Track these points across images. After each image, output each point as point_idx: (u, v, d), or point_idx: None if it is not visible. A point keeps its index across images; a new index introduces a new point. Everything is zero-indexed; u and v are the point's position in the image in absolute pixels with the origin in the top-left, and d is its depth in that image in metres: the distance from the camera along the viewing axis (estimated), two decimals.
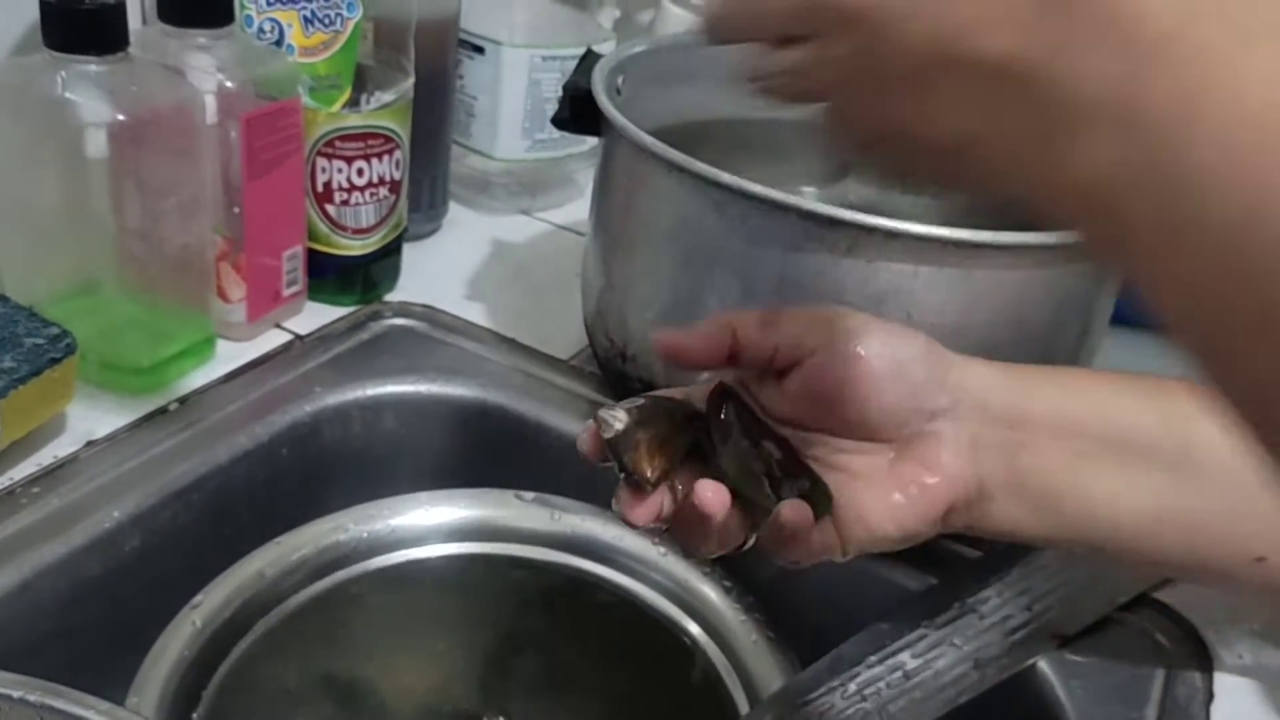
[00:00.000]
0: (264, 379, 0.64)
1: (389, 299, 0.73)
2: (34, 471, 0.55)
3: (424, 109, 0.73)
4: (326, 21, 0.66)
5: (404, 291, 0.74)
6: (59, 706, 0.37)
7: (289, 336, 0.68)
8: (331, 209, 0.69)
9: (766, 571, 0.54)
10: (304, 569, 0.53)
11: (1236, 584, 0.47)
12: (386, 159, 0.70)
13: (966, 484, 0.43)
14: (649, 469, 0.41)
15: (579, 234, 0.76)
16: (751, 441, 0.43)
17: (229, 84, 0.60)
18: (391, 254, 0.74)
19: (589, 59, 0.62)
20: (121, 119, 0.55)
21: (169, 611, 0.49)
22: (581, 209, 0.67)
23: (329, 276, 0.71)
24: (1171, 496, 0.44)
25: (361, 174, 0.69)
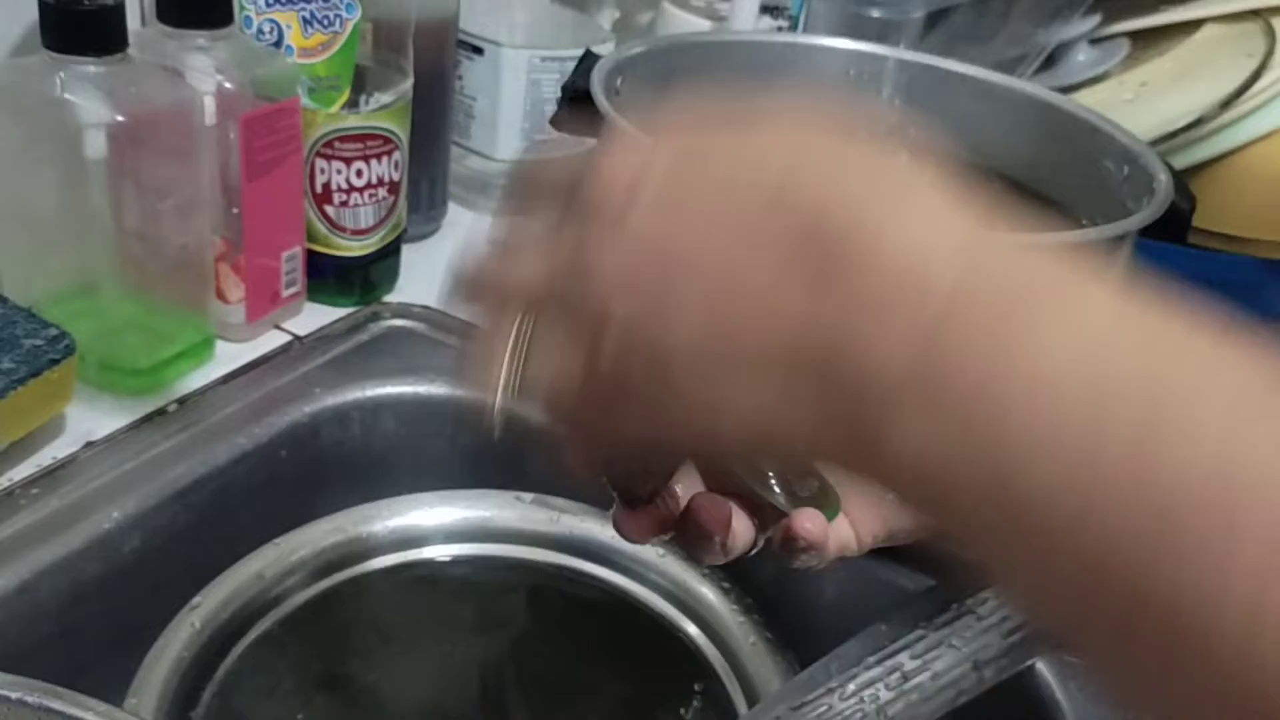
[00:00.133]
0: (263, 380, 0.64)
1: (388, 300, 0.73)
2: (33, 472, 0.55)
3: (423, 110, 0.73)
4: (325, 22, 0.66)
5: (403, 292, 0.74)
6: (58, 708, 0.37)
7: (288, 337, 0.68)
8: (330, 210, 0.69)
9: (766, 572, 0.54)
10: (303, 570, 0.53)
11: None
12: (385, 160, 0.70)
13: None
14: (641, 485, 0.38)
15: None
16: None
17: (228, 85, 0.60)
18: (390, 255, 0.73)
19: (588, 60, 0.62)
20: (120, 120, 0.55)
21: (168, 612, 0.49)
22: None
23: (328, 277, 0.71)
24: None
25: (360, 175, 0.69)
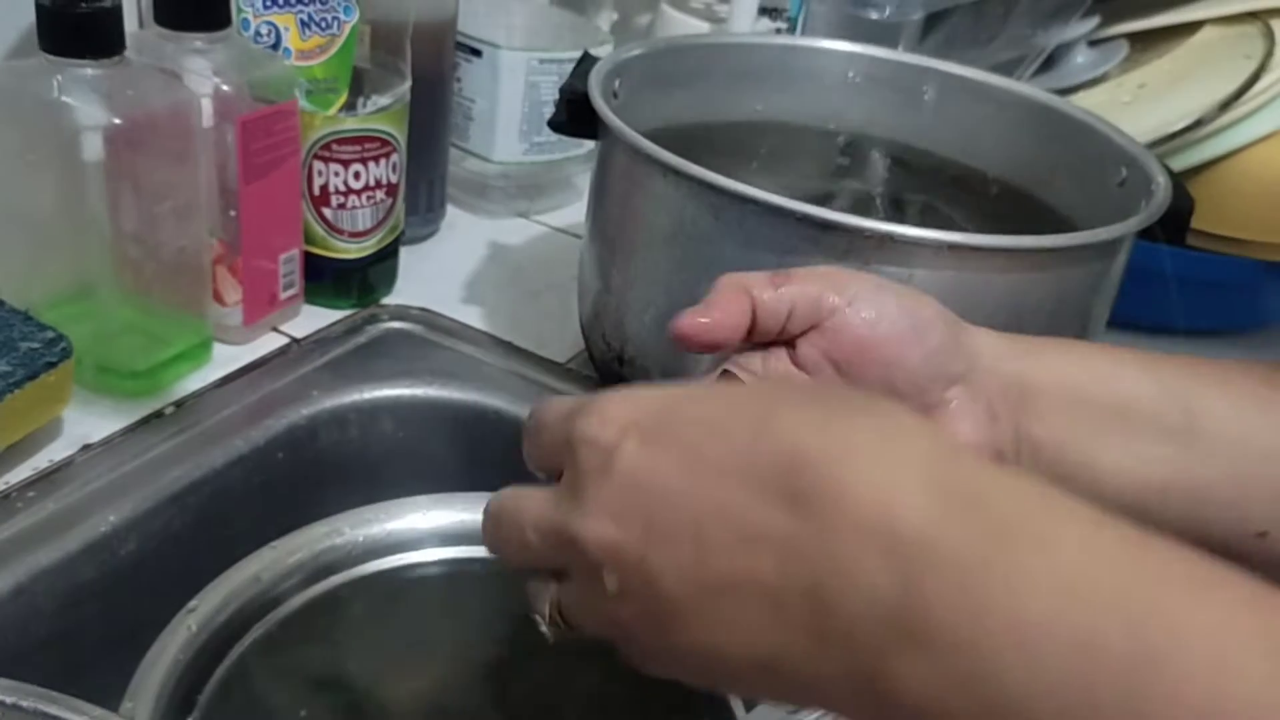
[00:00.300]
0: (260, 383, 0.64)
1: (386, 302, 0.73)
2: (30, 475, 0.55)
3: (421, 112, 0.73)
4: (323, 25, 0.66)
5: (401, 295, 0.74)
6: (53, 713, 0.37)
7: (285, 340, 0.68)
8: (328, 212, 0.69)
9: None
10: (300, 573, 0.53)
11: (1240, 560, 0.45)
12: (383, 162, 0.70)
13: (982, 452, 0.41)
14: None
15: (576, 237, 0.76)
16: None
17: (225, 87, 0.60)
18: (388, 257, 0.73)
19: (586, 62, 0.62)
20: (117, 122, 0.55)
21: (164, 616, 0.48)
22: (579, 212, 0.67)
23: (326, 280, 0.71)
24: (1176, 467, 0.42)
25: (358, 177, 0.69)
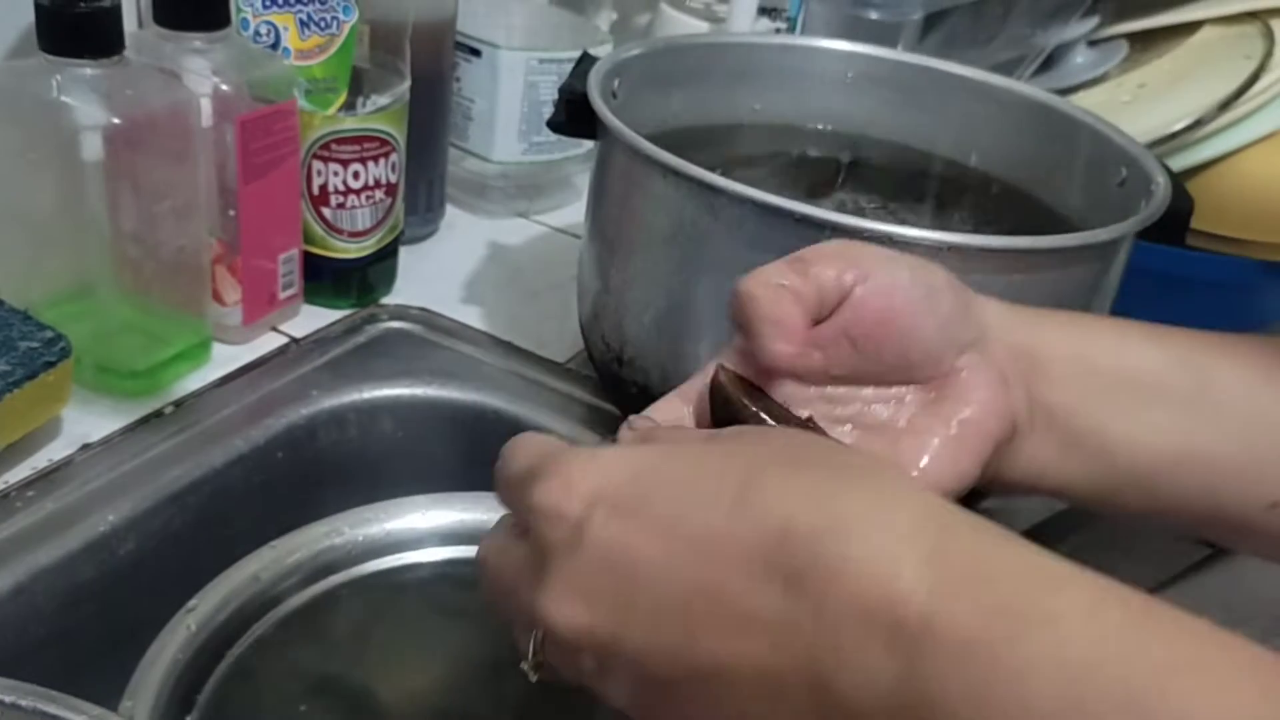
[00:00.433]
0: (260, 382, 0.64)
1: (385, 302, 0.73)
2: (29, 475, 0.55)
3: (420, 112, 0.73)
4: (322, 24, 0.66)
5: (400, 295, 0.74)
6: (52, 712, 0.37)
7: (285, 340, 0.68)
8: (327, 212, 0.69)
9: None
10: (299, 573, 0.53)
11: (1252, 533, 0.45)
12: (383, 162, 0.70)
13: (1003, 418, 0.41)
14: None
15: (576, 237, 0.76)
16: (803, 422, 0.39)
17: (225, 87, 0.60)
18: (388, 257, 0.73)
19: (585, 62, 0.62)
20: (117, 122, 0.55)
21: (164, 615, 0.48)
22: (578, 212, 0.67)
23: (325, 280, 0.71)
24: (1189, 437, 0.42)
25: (358, 177, 0.69)
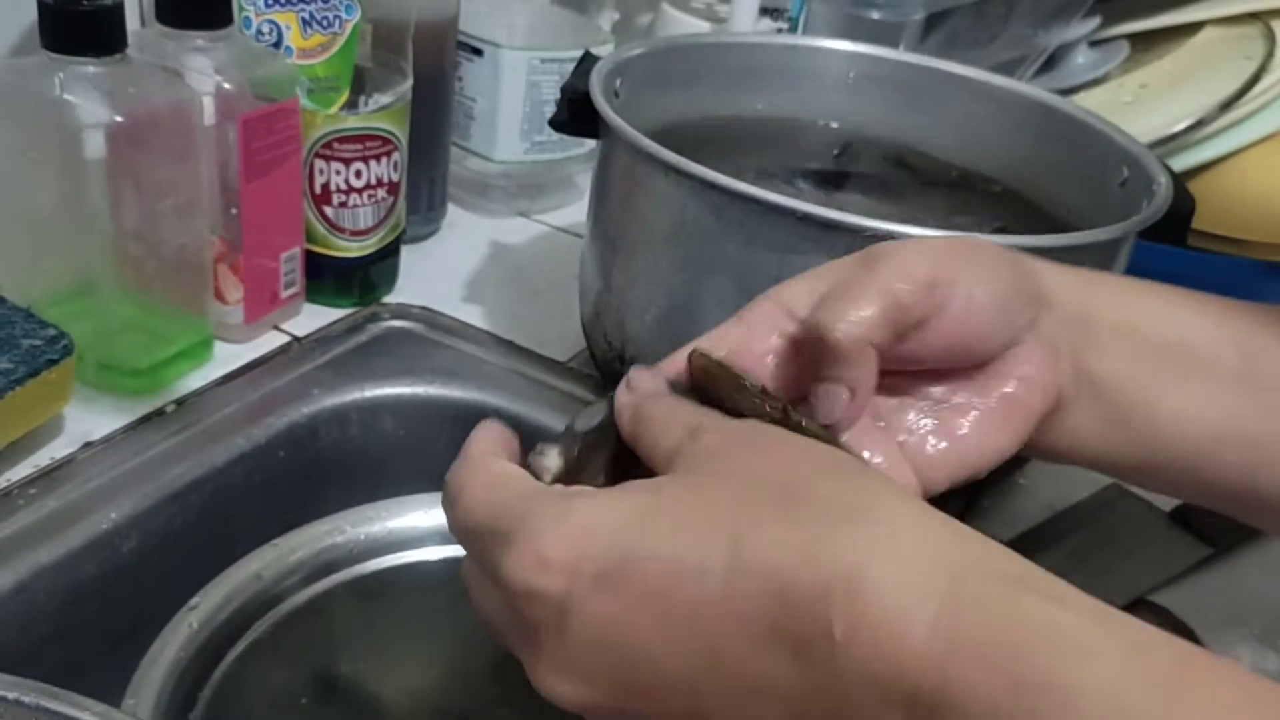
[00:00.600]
0: (261, 381, 0.64)
1: (387, 301, 0.73)
2: (31, 473, 0.55)
3: (422, 111, 0.73)
4: (325, 23, 0.66)
5: (402, 293, 0.74)
6: (55, 708, 0.37)
7: (287, 338, 0.68)
8: (329, 211, 0.69)
9: None
10: (301, 571, 0.53)
11: None
12: (385, 161, 0.70)
13: (1047, 393, 0.40)
14: None
15: (577, 236, 0.76)
16: (781, 410, 0.36)
17: (227, 85, 0.60)
18: (390, 256, 0.73)
19: (587, 61, 0.62)
20: (119, 120, 0.55)
21: (166, 613, 0.48)
22: (580, 211, 0.67)
23: (327, 278, 0.71)
24: (1234, 414, 0.41)
25: (360, 176, 0.69)
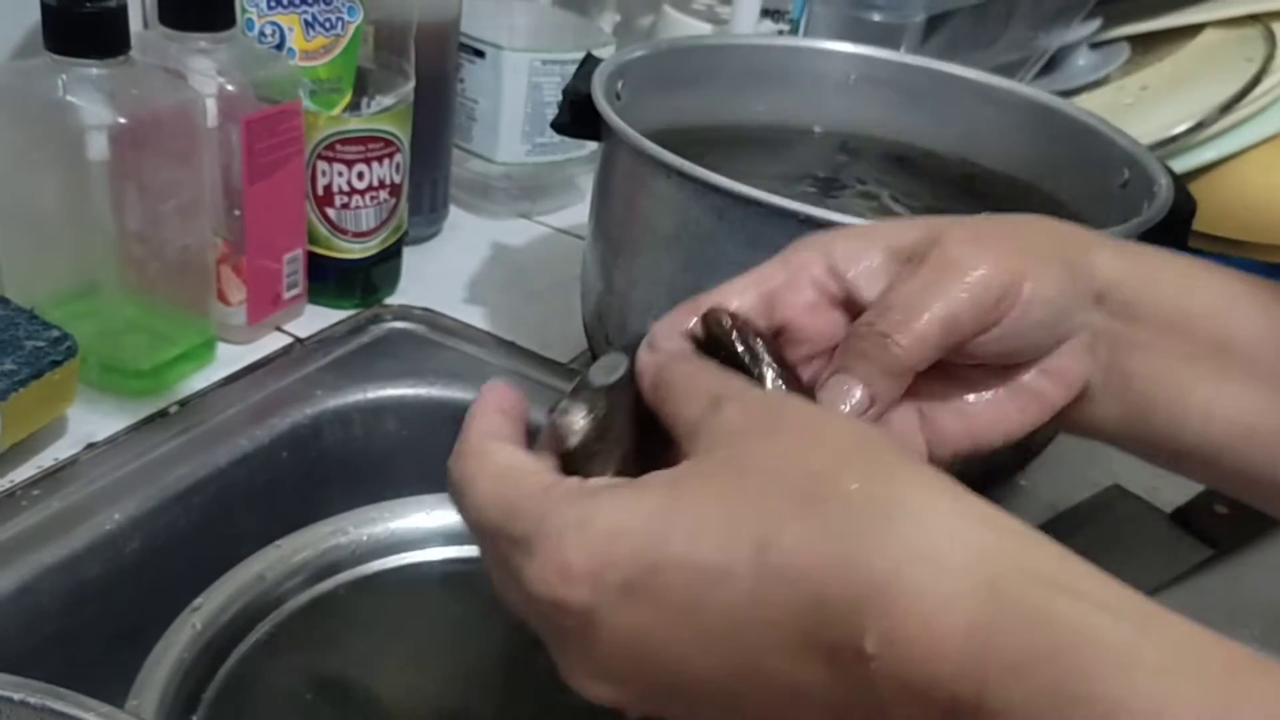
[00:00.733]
0: (264, 382, 0.64)
1: (389, 302, 0.74)
2: (34, 474, 0.55)
3: (424, 113, 0.73)
4: (327, 25, 0.67)
5: (404, 295, 0.75)
6: (59, 709, 0.37)
7: (289, 339, 0.69)
8: (332, 212, 0.70)
9: None
10: (304, 572, 0.53)
11: None
12: (387, 162, 0.70)
13: (1071, 387, 0.40)
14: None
15: (579, 238, 0.76)
16: (796, 385, 0.35)
17: (230, 87, 0.61)
18: (392, 257, 0.74)
19: (589, 63, 0.62)
20: (122, 122, 0.55)
21: (169, 614, 0.48)
22: (581, 213, 0.67)
23: (329, 280, 0.71)
24: (1265, 411, 0.40)
25: (362, 177, 0.69)
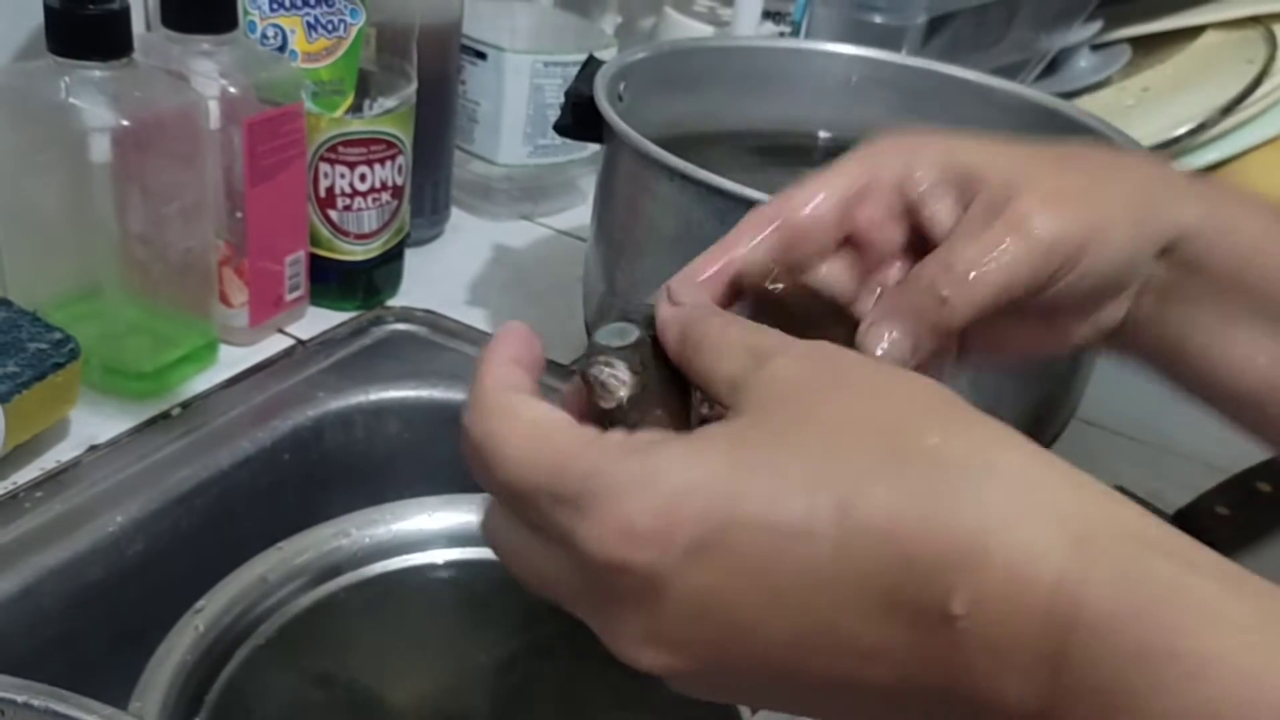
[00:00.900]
0: (266, 384, 0.64)
1: (391, 304, 0.74)
2: (37, 476, 0.55)
3: (426, 115, 0.73)
4: (330, 27, 0.67)
5: (406, 296, 0.75)
6: (62, 711, 0.37)
7: (291, 341, 0.69)
8: (334, 214, 0.70)
9: None
10: (307, 574, 0.53)
11: None
12: (389, 164, 0.70)
13: (1100, 328, 0.39)
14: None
15: (581, 239, 0.76)
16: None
17: (232, 89, 0.61)
18: (394, 259, 0.74)
19: (591, 65, 0.62)
20: (125, 124, 0.55)
21: (172, 616, 0.48)
22: (583, 214, 0.67)
23: (331, 282, 0.71)
24: None
25: (364, 179, 0.69)
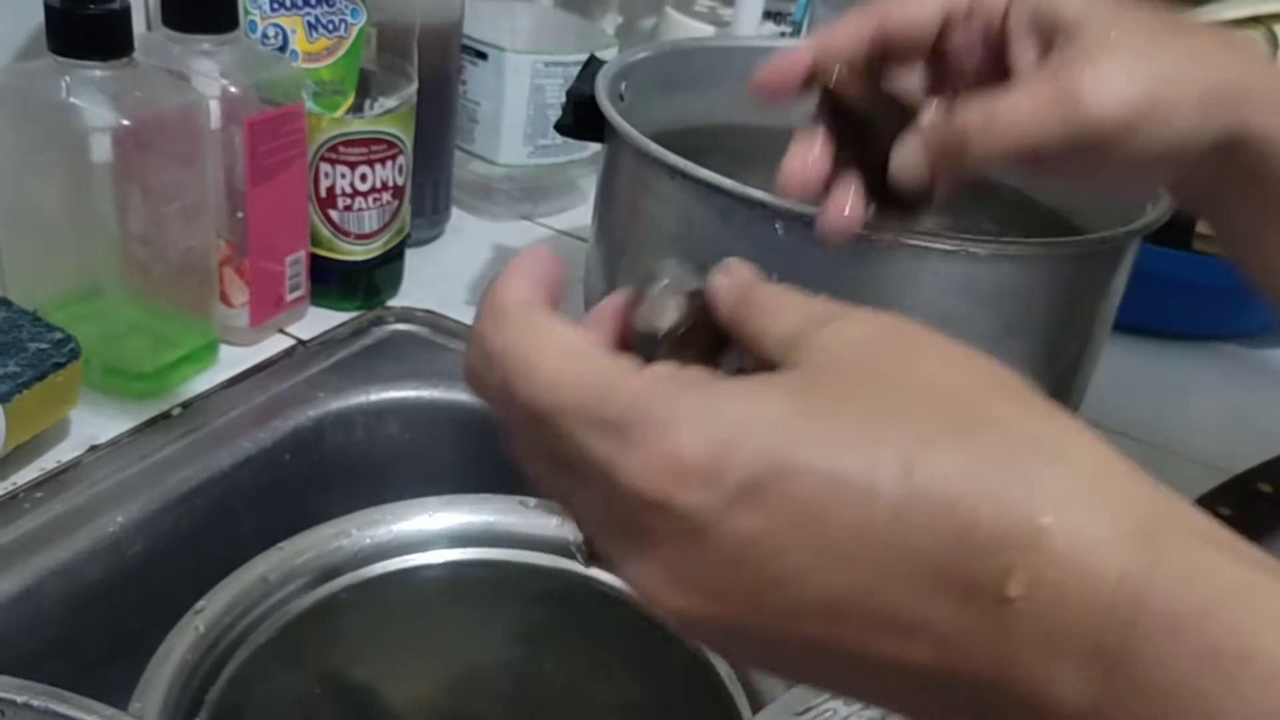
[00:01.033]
0: (267, 384, 0.64)
1: (392, 304, 0.74)
2: (37, 476, 0.55)
3: (427, 115, 0.73)
4: (330, 27, 0.67)
5: (407, 297, 0.74)
6: (63, 711, 0.37)
7: (292, 342, 0.68)
8: (335, 214, 0.69)
9: None
10: (307, 574, 0.53)
11: None
12: (390, 164, 0.70)
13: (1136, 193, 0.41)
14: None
15: (581, 239, 0.76)
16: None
17: (233, 89, 0.61)
18: (394, 259, 0.74)
19: (592, 65, 0.62)
20: (126, 124, 0.55)
21: (172, 617, 0.48)
22: (584, 215, 0.67)
23: (332, 282, 0.71)
24: None
25: (365, 179, 0.69)
